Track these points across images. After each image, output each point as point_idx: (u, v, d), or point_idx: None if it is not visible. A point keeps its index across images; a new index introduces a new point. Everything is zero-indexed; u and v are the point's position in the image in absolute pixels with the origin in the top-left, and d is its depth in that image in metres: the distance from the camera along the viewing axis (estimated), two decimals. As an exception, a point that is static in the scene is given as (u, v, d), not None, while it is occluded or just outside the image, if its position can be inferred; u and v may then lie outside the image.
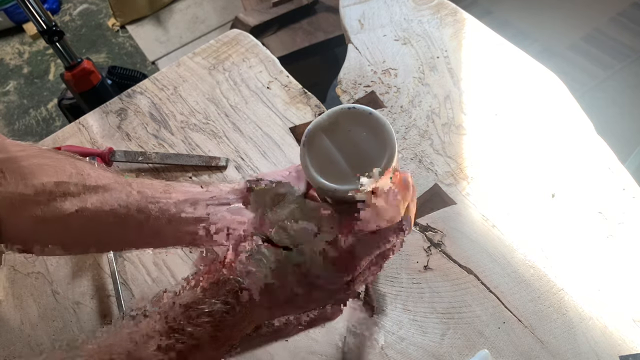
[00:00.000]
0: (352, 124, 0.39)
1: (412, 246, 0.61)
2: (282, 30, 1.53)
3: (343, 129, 0.39)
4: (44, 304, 0.66)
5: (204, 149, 0.77)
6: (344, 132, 0.39)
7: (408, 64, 0.80)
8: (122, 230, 0.47)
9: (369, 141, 0.38)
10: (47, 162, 0.49)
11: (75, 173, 0.48)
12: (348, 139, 0.39)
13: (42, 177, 0.47)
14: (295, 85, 0.81)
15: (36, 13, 1.19)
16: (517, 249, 0.60)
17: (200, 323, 0.37)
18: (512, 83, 0.75)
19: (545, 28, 1.86)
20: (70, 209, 0.46)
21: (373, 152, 0.38)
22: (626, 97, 1.64)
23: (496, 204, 0.63)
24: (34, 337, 0.63)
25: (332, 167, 0.39)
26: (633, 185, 0.62)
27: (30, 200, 0.46)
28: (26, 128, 2.12)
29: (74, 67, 1.36)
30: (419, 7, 0.88)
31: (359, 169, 0.38)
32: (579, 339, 0.53)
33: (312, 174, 0.39)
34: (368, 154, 0.38)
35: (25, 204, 0.46)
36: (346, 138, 0.39)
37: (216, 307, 0.38)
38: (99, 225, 0.47)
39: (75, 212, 0.46)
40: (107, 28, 2.42)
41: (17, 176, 0.46)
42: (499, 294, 0.57)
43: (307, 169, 0.39)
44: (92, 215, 0.46)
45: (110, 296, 0.65)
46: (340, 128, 0.39)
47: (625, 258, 0.57)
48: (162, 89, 0.86)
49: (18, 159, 0.48)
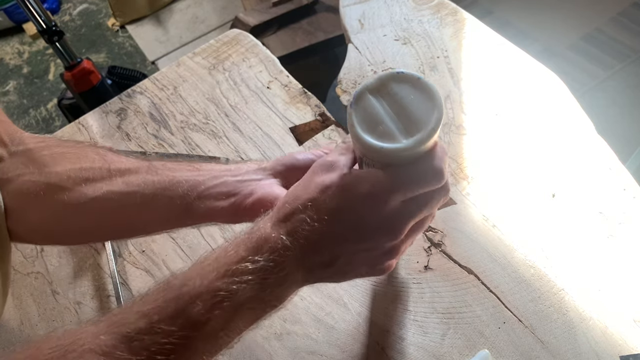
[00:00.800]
0: (400, 87, 0.39)
1: (412, 246, 0.61)
2: (282, 30, 1.54)
3: (391, 91, 0.39)
4: (44, 304, 0.66)
5: (204, 149, 0.77)
6: (392, 94, 0.39)
7: (408, 64, 0.80)
8: (150, 211, 0.46)
9: (417, 104, 0.38)
10: (68, 150, 0.48)
11: (98, 158, 0.48)
12: (396, 102, 0.39)
13: (66, 164, 0.47)
14: (295, 85, 0.81)
15: (36, 13, 1.20)
16: (518, 249, 0.60)
17: (244, 281, 0.36)
18: (513, 83, 0.75)
19: (546, 28, 1.86)
20: (95, 192, 0.45)
21: (421, 115, 0.38)
22: (626, 97, 1.64)
23: (496, 204, 0.63)
24: (34, 337, 0.63)
25: (379, 128, 0.38)
26: (633, 186, 0.62)
27: (55, 187, 0.45)
28: (26, 128, 2.12)
29: (73, 67, 1.36)
30: (419, 7, 0.88)
31: (407, 130, 0.38)
32: (580, 339, 0.53)
33: (359, 133, 0.38)
34: (416, 116, 0.38)
35: (50, 190, 0.45)
36: (394, 100, 0.39)
37: (259, 264, 0.36)
38: (126, 207, 0.46)
39: (101, 195, 0.45)
40: (107, 28, 2.42)
41: (40, 165, 0.46)
42: (499, 294, 0.57)
43: (354, 127, 0.38)
44: (119, 197, 0.45)
45: (110, 296, 0.65)
46: (388, 91, 0.39)
47: (626, 258, 0.57)
48: (162, 89, 0.86)
49: (39, 149, 0.48)
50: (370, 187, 0.37)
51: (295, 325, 0.58)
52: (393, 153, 0.37)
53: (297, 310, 0.59)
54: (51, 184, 0.45)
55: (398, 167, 0.38)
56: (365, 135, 0.38)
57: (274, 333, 0.58)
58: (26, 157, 0.46)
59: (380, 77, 0.39)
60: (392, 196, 0.37)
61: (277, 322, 0.59)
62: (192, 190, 0.45)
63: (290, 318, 0.59)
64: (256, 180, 0.46)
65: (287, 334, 0.58)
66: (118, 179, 0.46)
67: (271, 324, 0.59)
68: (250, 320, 0.39)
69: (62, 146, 0.49)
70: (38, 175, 0.45)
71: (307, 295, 0.60)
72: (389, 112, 0.39)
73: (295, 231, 0.37)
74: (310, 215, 0.37)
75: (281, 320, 0.59)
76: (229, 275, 0.36)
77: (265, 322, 0.58)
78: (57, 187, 0.45)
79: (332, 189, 0.38)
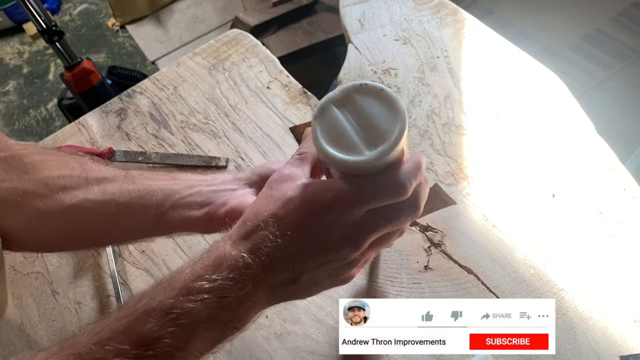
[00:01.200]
0: (364, 99, 0.39)
1: (412, 246, 0.61)
2: (282, 30, 1.54)
3: (355, 103, 0.39)
4: (44, 304, 0.66)
5: (204, 149, 0.77)
6: (356, 106, 0.39)
7: (408, 64, 0.80)
8: (124, 219, 0.46)
9: (381, 116, 0.38)
10: (49, 158, 0.48)
11: (78, 167, 0.48)
12: (360, 113, 0.39)
13: (45, 172, 0.47)
14: (295, 85, 0.81)
15: (36, 13, 1.20)
16: (518, 249, 0.60)
17: (200, 299, 0.35)
18: (513, 83, 0.75)
19: (546, 28, 1.86)
20: (72, 200, 0.45)
21: (384, 127, 0.38)
22: (626, 97, 1.64)
23: (496, 204, 0.63)
24: (34, 337, 0.63)
25: (342, 140, 0.38)
26: (633, 186, 0.62)
27: (32, 194, 0.45)
28: (26, 128, 2.12)
29: (73, 67, 1.36)
30: (419, 7, 0.88)
31: (370, 143, 0.37)
32: (579, 339, 0.53)
33: (322, 145, 0.38)
34: (380, 128, 0.38)
35: (27, 197, 0.45)
36: (358, 112, 0.39)
37: (217, 283, 0.35)
38: (101, 215, 0.46)
39: (77, 203, 0.45)
40: (107, 28, 2.42)
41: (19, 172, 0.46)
42: (499, 294, 0.57)
43: (317, 140, 0.38)
44: (94, 205, 0.46)
45: (110, 296, 0.65)
46: (352, 102, 0.39)
47: (626, 258, 0.57)
48: (162, 89, 0.86)
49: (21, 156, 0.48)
50: (333, 197, 0.37)
51: (295, 325, 0.58)
52: (356, 165, 0.37)
53: (297, 310, 0.59)
54: (28, 191, 0.45)
55: (361, 177, 0.38)
56: (328, 147, 0.38)
57: (274, 333, 0.58)
58: (7, 163, 0.46)
59: (344, 88, 0.40)
60: (355, 206, 0.37)
61: (277, 322, 0.59)
62: (166, 199, 0.45)
63: (290, 318, 0.59)
64: (230, 190, 0.46)
65: (287, 334, 0.58)
66: (95, 187, 0.46)
67: (271, 324, 0.59)
68: (209, 342, 0.38)
69: (43, 154, 0.49)
70: (17, 181, 0.45)
71: (307, 295, 0.60)
72: (352, 123, 0.39)
73: (258, 248, 0.37)
74: (273, 232, 0.37)
75: (281, 320, 0.59)
76: (184, 294, 0.35)
77: (265, 322, 0.59)
78: (34, 194, 0.45)
79: (295, 202, 0.37)
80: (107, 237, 0.50)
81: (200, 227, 0.46)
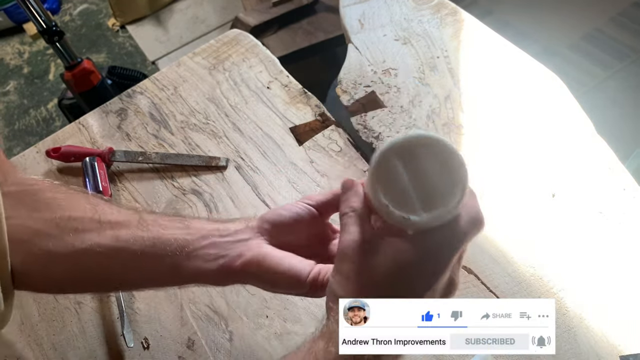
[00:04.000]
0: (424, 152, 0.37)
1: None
2: (282, 30, 1.54)
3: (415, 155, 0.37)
4: (44, 303, 0.66)
5: (204, 149, 0.77)
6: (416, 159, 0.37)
7: (408, 64, 0.80)
8: (137, 268, 0.45)
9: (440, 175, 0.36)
10: (60, 197, 0.47)
11: (90, 208, 0.46)
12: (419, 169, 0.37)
13: (56, 211, 0.45)
14: (295, 85, 0.81)
15: (36, 13, 1.20)
16: (517, 249, 0.60)
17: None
18: (513, 83, 0.75)
19: (545, 28, 1.86)
20: (83, 244, 0.44)
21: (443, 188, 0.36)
22: (626, 97, 1.64)
23: (496, 204, 0.63)
24: (34, 337, 0.63)
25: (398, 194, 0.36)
26: (633, 185, 0.62)
27: (42, 234, 0.44)
28: (26, 128, 2.12)
29: (74, 67, 1.36)
30: (419, 7, 0.88)
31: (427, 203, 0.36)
32: (579, 339, 0.53)
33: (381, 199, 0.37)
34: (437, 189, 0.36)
35: (37, 237, 0.44)
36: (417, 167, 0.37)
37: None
38: (113, 262, 0.45)
39: (88, 247, 0.44)
40: (107, 28, 2.42)
41: (29, 209, 0.45)
42: (499, 294, 0.57)
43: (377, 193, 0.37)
44: (106, 252, 0.44)
45: (110, 296, 0.65)
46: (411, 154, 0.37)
47: (626, 258, 0.58)
48: (162, 89, 0.86)
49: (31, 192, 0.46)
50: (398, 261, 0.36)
51: (295, 325, 0.58)
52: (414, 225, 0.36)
53: (297, 310, 0.59)
54: (38, 230, 0.44)
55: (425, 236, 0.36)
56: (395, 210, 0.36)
57: (274, 333, 0.58)
58: (17, 199, 0.45)
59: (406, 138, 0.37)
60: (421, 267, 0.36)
61: (277, 322, 0.59)
62: (181, 250, 0.44)
63: (291, 318, 0.59)
64: (244, 241, 0.45)
65: (287, 333, 0.58)
66: (107, 232, 0.45)
67: (271, 323, 0.59)
68: None
69: (54, 191, 0.47)
70: (26, 219, 0.44)
71: (307, 295, 0.60)
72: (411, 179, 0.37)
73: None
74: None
75: (281, 320, 0.59)
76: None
77: (266, 322, 0.59)
78: (44, 235, 0.44)
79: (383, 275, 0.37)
80: (120, 284, 0.49)
81: (214, 280, 0.45)
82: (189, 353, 0.59)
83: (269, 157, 0.74)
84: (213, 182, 0.73)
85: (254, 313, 0.60)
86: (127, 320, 0.61)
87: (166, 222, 0.46)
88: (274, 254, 0.43)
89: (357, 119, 0.75)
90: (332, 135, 0.74)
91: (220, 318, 0.61)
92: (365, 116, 0.75)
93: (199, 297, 0.63)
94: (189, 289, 0.63)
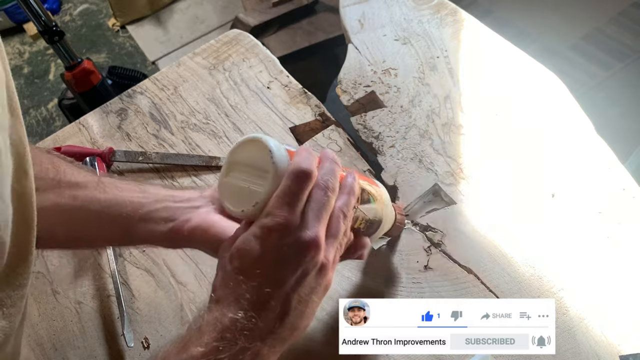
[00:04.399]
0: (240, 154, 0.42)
1: (412, 246, 0.61)
2: (282, 30, 1.54)
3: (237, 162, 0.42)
4: (45, 303, 0.66)
5: (204, 148, 0.77)
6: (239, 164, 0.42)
7: (408, 64, 0.80)
8: (94, 227, 0.48)
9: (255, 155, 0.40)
10: None
11: (52, 168, 0.48)
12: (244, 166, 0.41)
13: None
14: (295, 85, 0.82)
15: (36, 13, 1.20)
16: (517, 248, 0.60)
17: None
18: (512, 83, 0.75)
19: (545, 28, 1.86)
20: (43, 203, 0.45)
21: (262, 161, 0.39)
22: (626, 97, 1.64)
23: (496, 204, 0.63)
24: (34, 337, 0.63)
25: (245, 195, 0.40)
26: (633, 185, 0.62)
27: None
28: (26, 128, 2.10)
29: (74, 67, 1.36)
30: (419, 7, 0.88)
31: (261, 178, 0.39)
32: (579, 338, 0.53)
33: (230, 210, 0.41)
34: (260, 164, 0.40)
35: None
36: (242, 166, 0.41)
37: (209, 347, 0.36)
38: (71, 220, 0.47)
39: (48, 206, 0.46)
40: (107, 28, 2.42)
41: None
42: (499, 294, 0.57)
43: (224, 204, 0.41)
44: (64, 210, 0.47)
45: (110, 296, 0.65)
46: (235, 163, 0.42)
47: (625, 258, 0.58)
48: (162, 89, 0.86)
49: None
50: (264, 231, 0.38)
51: (295, 325, 0.58)
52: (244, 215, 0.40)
53: (297, 310, 0.59)
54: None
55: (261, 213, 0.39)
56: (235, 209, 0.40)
57: (274, 333, 0.58)
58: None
59: (226, 162, 0.42)
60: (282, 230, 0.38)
61: (277, 321, 0.59)
62: (135, 211, 0.47)
63: (291, 318, 0.59)
64: (195, 208, 0.48)
65: (287, 333, 0.58)
66: (66, 191, 0.47)
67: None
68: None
69: None
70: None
71: (307, 295, 0.60)
72: (244, 177, 0.41)
73: (236, 301, 0.38)
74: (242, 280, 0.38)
75: (281, 320, 0.59)
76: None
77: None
78: None
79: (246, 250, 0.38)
80: (81, 241, 0.52)
81: (165, 242, 0.48)
82: (189, 353, 0.59)
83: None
84: (213, 182, 0.73)
85: (254, 313, 0.60)
86: (128, 320, 0.61)
87: (123, 185, 0.49)
88: (220, 222, 0.46)
89: (357, 119, 0.75)
90: (332, 135, 0.74)
91: (221, 318, 0.61)
92: (365, 116, 0.75)
93: (199, 297, 0.63)
94: (189, 289, 0.63)
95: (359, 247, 0.46)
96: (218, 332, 0.37)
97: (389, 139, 0.72)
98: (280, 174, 0.39)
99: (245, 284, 0.38)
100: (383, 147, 0.71)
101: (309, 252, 0.38)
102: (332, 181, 0.41)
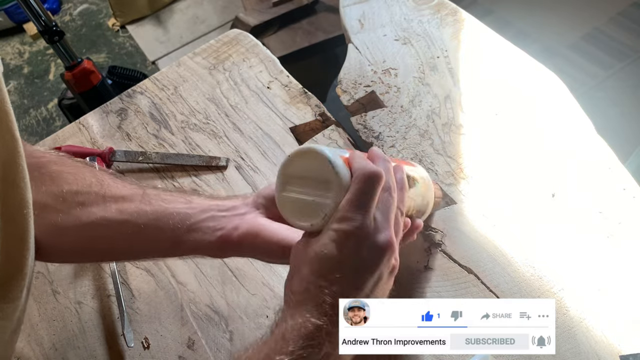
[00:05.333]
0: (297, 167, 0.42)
1: (412, 246, 0.61)
2: (282, 30, 1.54)
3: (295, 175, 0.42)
4: (45, 303, 0.66)
5: (204, 148, 0.77)
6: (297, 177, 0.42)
7: (408, 64, 0.80)
8: (141, 240, 0.48)
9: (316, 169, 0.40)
10: (67, 170, 0.49)
11: (96, 182, 0.48)
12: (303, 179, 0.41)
13: (63, 185, 0.47)
14: (295, 85, 0.82)
15: (36, 13, 1.20)
16: (517, 248, 0.60)
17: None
18: (512, 83, 0.75)
19: (546, 28, 1.86)
20: (89, 218, 0.46)
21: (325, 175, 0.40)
22: (626, 97, 1.64)
23: (496, 204, 0.63)
24: (34, 337, 0.63)
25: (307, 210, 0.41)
26: (633, 185, 0.62)
27: (50, 208, 0.46)
28: (26, 128, 2.12)
29: (74, 67, 1.36)
30: (419, 6, 0.88)
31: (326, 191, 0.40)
32: (579, 338, 0.53)
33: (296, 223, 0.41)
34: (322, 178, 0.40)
35: (45, 211, 0.45)
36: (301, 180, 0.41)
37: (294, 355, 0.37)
38: (118, 234, 0.47)
39: (94, 221, 0.46)
40: (107, 28, 2.42)
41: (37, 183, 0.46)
42: (499, 294, 0.57)
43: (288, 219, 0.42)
44: (111, 225, 0.46)
45: (110, 296, 0.65)
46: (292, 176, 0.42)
47: (625, 258, 0.57)
48: (162, 89, 0.86)
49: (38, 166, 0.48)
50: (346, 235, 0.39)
51: (295, 325, 0.58)
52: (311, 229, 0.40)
53: (297, 310, 0.59)
54: (46, 205, 0.46)
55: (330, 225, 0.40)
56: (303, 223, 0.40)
57: (274, 333, 0.58)
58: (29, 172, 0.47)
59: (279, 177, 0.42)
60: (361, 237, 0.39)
61: (277, 321, 0.59)
62: (182, 223, 0.47)
63: (291, 318, 0.59)
64: (241, 215, 0.48)
65: (287, 333, 0.58)
66: (112, 205, 0.47)
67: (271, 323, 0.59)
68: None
69: (60, 164, 0.49)
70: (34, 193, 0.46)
71: (307, 295, 0.60)
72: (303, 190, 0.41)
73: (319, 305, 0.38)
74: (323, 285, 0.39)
75: (281, 320, 0.59)
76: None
77: (265, 322, 0.59)
78: (51, 208, 0.46)
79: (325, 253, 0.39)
80: (125, 254, 0.52)
81: (213, 251, 0.48)
82: (190, 353, 0.59)
83: (269, 157, 0.74)
84: (213, 182, 0.73)
85: (254, 313, 0.60)
86: (128, 320, 0.61)
87: (168, 196, 0.49)
88: (268, 226, 0.46)
89: (357, 119, 0.75)
90: (332, 135, 0.74)
91: (221, 318, 0.61)
92: (366, 116, 0.75)
93: (199, 297, 0.63)
94: (189, 289, 0.63)
95: (413, 231, 0.48)
96: (303, 340, 0.37)
97: (389, 139, 0.72)
98: (345, 182, 0.39)
99: (327, 288, 0.38)
100: (383, 147, 0.71)
101: (384, 254, 0.40)
102: (391, 180, 0.42)
